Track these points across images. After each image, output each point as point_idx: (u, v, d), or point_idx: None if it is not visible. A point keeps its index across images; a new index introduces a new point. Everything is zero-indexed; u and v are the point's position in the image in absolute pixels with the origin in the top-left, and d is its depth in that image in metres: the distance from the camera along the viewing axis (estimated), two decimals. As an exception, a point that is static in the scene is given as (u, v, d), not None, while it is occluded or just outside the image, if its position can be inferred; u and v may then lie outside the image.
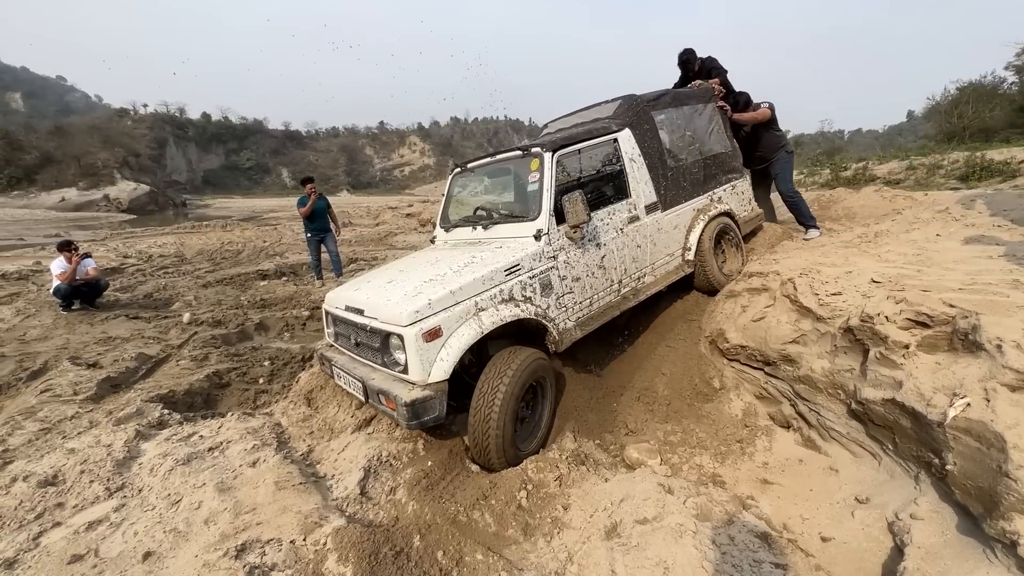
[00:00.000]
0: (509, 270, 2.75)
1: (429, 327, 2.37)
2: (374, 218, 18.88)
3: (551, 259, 2.95)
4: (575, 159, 3.32)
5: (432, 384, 2.36)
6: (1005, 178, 6.27)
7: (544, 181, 3.03)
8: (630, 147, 3.61)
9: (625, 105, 3.87)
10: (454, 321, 2.48)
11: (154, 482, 2.43)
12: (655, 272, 3.69)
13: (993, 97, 18.05)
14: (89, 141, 45.04)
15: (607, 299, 3.30)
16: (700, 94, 4.59)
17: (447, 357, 2.40)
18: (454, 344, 2.43)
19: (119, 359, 4.60)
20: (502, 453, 2.47)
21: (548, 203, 2.97)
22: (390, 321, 2.47)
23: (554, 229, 2.97)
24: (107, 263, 9.66)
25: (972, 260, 2.98)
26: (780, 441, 2.90)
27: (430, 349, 2.37)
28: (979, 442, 1.79)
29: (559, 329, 2.93)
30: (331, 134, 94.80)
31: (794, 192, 4.88)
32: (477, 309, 2.57)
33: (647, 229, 3.58)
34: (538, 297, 2.84)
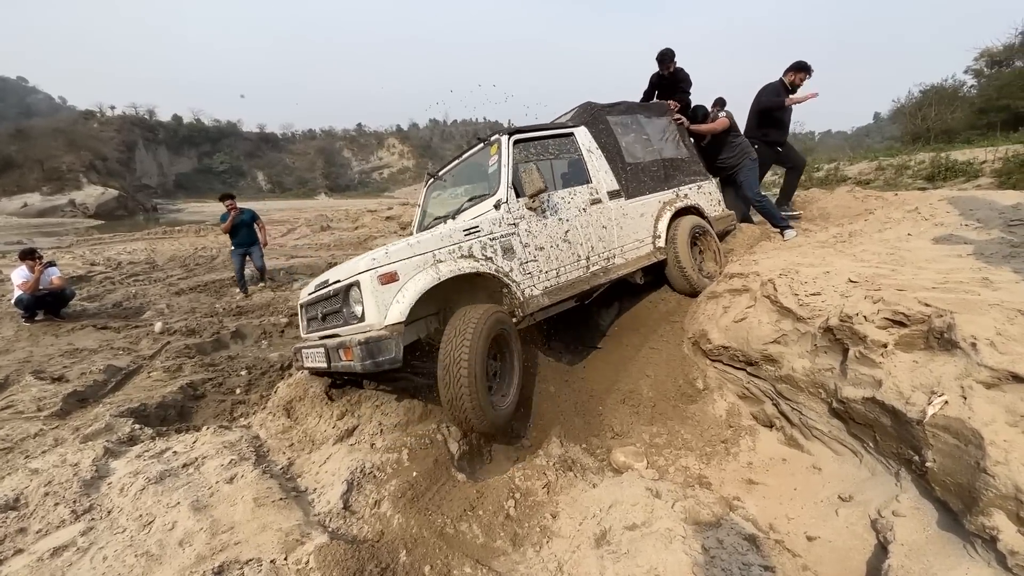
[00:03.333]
0: (468, 231, 2.90)
1: (385, 271, 2.49)
2: (353, 221, 18.60)
3: (511, 225, 3.09)
4: (534, 145, 3.53)
5: (388, 326, 2.42)
6: (969, 178, 6.51)
7: (502, 159, 3.23)
8: (587, 140, 3.86)
9: (581, 109, 4.20)
10: (411, 268, 2.59)
11: (124, 503, 2.31)
12: (625, 255, 3.83)
13: (954, 100, 18.76)
14: (53, 144, 43.48)
15: (576, 273, 3.42)
16: (654, 107, 4.92)
17: (403, 299, 2.48)
18: (411, 287, 2.53)
19: (87, 372, 4.41)
20: (479, 407, 2.42)
21: (506, 178, 3.16)
22: (350, 274, 2.61)
23: (513, 200, 3.15)
24: (73, 271, 9.28)
25: (943, 259, 3.06)
26: (764, 441, 2.93)
27: (386, 292, 2.47)
28: (957, 439, 1.82)
29: (524, 293, 3.02)
30: (308, 136, 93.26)
31: (761, 197, 5.02)
32: (435, 260, 2.69)
33: (611, 212, 3.74)
34: (499, 258, 2.95)
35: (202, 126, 78.01)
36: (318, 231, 16.20)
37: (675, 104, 5.06)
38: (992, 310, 2.10)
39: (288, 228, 17.55)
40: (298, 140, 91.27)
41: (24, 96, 75.17)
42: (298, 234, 15.76)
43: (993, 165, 6.52)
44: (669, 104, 5.03)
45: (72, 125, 52.51)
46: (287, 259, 10.71)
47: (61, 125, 50.71)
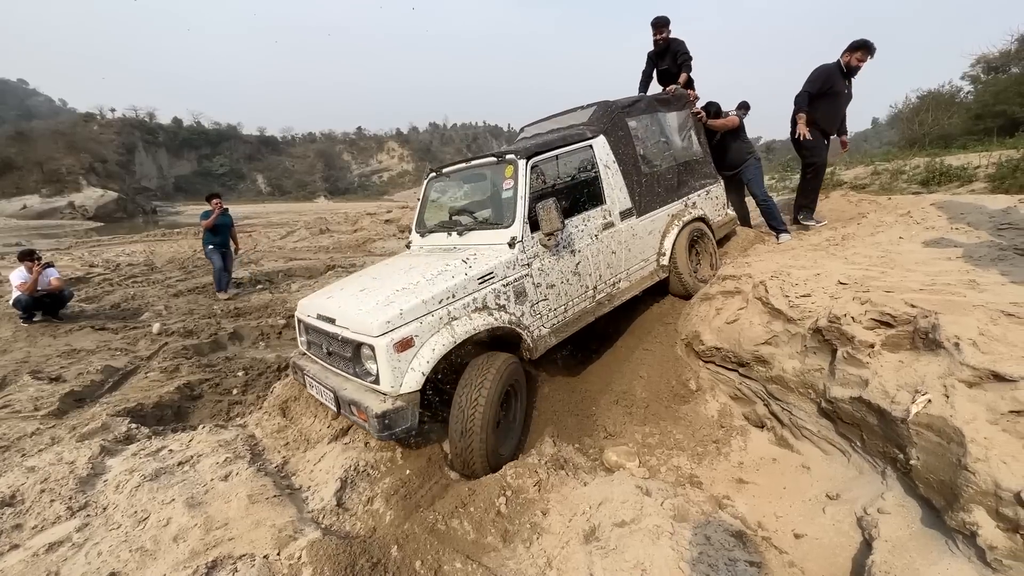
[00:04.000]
0: (483, 278, 2.74)
1: (401, 337, 2.35)
2: (352, 224, 18.64)
3: (525, 267, 2.95)
4: (550, 165, 3.32)
5: (404, 395, 2.33)
6: (963, 182, 6.56)
7: (518, 188, 3.03)
8: (605, 154, 3.64)
9: (600, 111, 3.90)
10: (426, 331, 2.45)
11: (120, 499, 2.34)
12: (630, 277, 3.73)
13: (951, 105, 18.87)
14: (53, 147, 43.55)
15: (582, 305, 3.32)
16: (675, 100, 4.67)
17: (419, 367, 2.38)
18: (426, 354, 2.41)
19: (84, 372, 4.43)
20: (486, 460, 2.47)
21: (522, 210, 2.98)
22: (361, 331, 2.44)
23: (528, 236, 2.97)
24: (72, 272, 9.31)
25: (932, 262, 3.10)
26: (755, 441, 2.95)
27: (402, 359, 2.35)
28: (940, 437, 1.85)
29: (533, 337, 2.94)
30: (308, 139, 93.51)
31: (767, 196, 5.02)
32: (450, 318, 2.55)
33: (622, 235, 3.62)
34: (512, 305, 2.84)
35: (202, 129, 78.19)
36: (317, 234, 16.24)
37: (695, 95, 4.98)
38: (976, 311, 2.14)
39: (287, 231, 17.58)
40: (298, 143, 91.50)
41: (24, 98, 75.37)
42: (297, 237, 15.79)
43: (987, 170, 6.57)
44: (690, 95, 4.90)
45: (72, 127, 52.61)
46: (286, 261, 10.75)
47: (61, 127, 50.83)
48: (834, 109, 4.60)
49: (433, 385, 2.95)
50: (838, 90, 4.51)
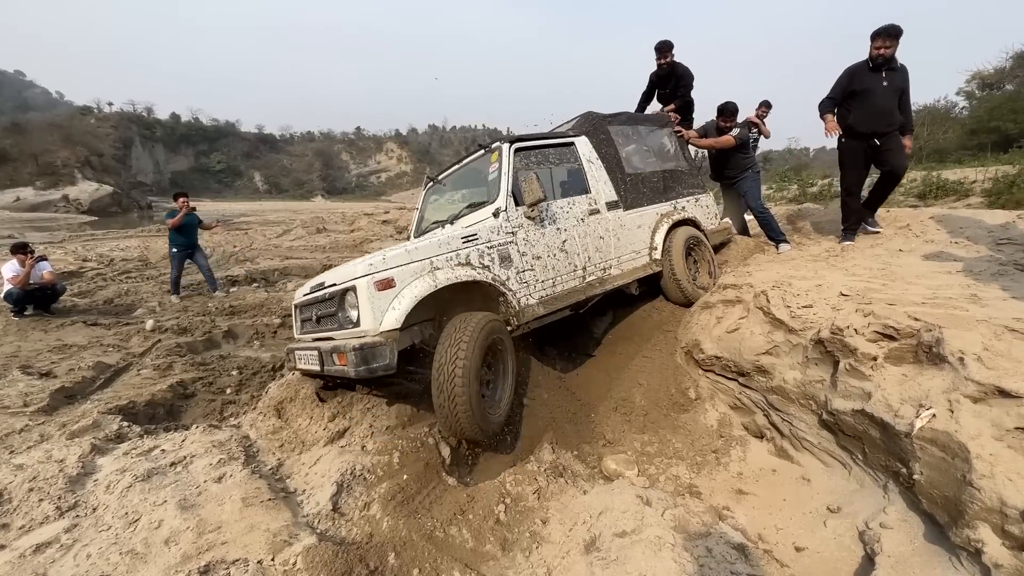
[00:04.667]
0: (466, 238, 2.89)
1: (382, 277, 2.47)
2: (349, 224, 18.57)
3: (509, 234, 3.08)
4: (534, 154, 3.52)
5: (384, 332, 2.40)
6: (959, 197, 6.61)
7: (503, 167, 3.22)
8: (587, 150, 3.86)
9: (582, 119, 4.19)
10: (408, 275, 2.57)
11: (110, 500, 2.29)
12: (621, 266, 3.83)
13: (946, 120, 19.08)
14: (48, 139, 43.21)
15: (571, 283, 3.42)
16: (656, 119, 4.93)
17: (399, 306, 2.46)
18: (407, 294, 2.51)
19: (75, 368, 4.37)
20: (472, 419, 2.41)
21: (506, 186, 3.16)
22: (346, 279, 2.59)
23: (512, 208, 3.14)
24: (64, 267, 9.20)
25: (933, 275, 3.11)
26: (754, 451, 2.94)
27: (382, 298, 2.45)
28: (944, 452, 1.84)
29: (520, 302, 3.02)
30: (306, 138, 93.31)
31: (763, 208, 5.05)
32: (432, 267, 2.67)
33: (609, 223, 3.75)
34: (496, 267, 2.94)
35: (200, 125, 77.86)
36: (314, 233, 16.16)
37: (676, 116, 5.09)
38: (980, 326, 2.13)
39: (284, 229, 17.48)
40: (296, 142, 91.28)
41: (21, 90, 74.77)
42: (293, 235, 15.70)
43: (983, 185, 6.63)
44: (670, 115, 5.07)
45: (69, 120, 52.25)
46: (282, 260, 10.68)
47: (57, 120, 50.42)
48: (867, 107, 4.13)
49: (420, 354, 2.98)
50: (868, 86, 4.09)
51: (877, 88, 4.05)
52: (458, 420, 2.41)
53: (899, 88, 4.04)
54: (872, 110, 4.11)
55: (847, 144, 4.33)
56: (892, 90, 4.03)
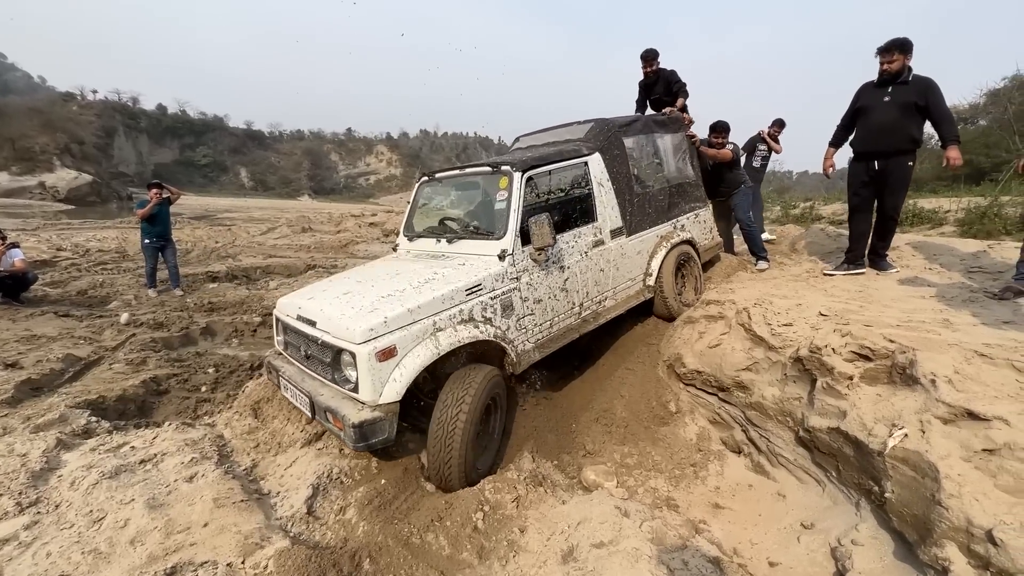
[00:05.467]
0: (471, 290, 2.71)
1: (383, 346, 2.29)
2: (335, 225, 18.39)
3: (514, 280, 2.93)
4: (544, 180, 3.30)
5: (383, 405, 2.27)
6: (934, 225, 6.82)
7: (512, 201, 3.01)
8: (599, 171, 3.66)
9: (597, 128, 3.91)
10: (410, 341, 2.40)
11: (75, 497, 2.21)
12: (616, 296, 3.74)
13: (923, 151, 19.73)
14: (28, 124, 41.99)
15: (567, 321, 3.32)
16: (671, 122, 4.72)
17: (400, 378, 2.32)
18: (408, 365, 2.36)
19: (43, 360, 4.22)
20: (463, 474, 2.41)
21: (515, 223, 2.96)
22: (343, 337, 2.37)
23: (519, 250, 2.95)
24: (37, 255, 8.94)
25: (907, 299, 3.20)
26: (732, 466, 2.97)
27: (383, 369, 2.29)
28: (915, 471, 1.89)
29: (517, 351, 2.91)
30: (296, 137, 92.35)
31: (751, 222, 5.13)
32: (435, 329, 2.50)
33: (611, 254, 3.64)
34: (498, 318, 2.81)
35: (187, 118, 76.49)
36: (299, 232, 15.96)
37: (690, 119, 5.02)
38: (951, 350, 2.20)
39: (268, 227, 17.25)
40: (286, 140, 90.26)
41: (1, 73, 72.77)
42: (278, 234, 15.49)
43: (956, 215, 6.86)
44: (685, 118, 4.95)
45: (50, 106, 50.80)
46: (265, 258, 10.51)
47: (38, 105, 49.06)
48: (865, 125, 3.96)
49: (412, 394, 2.88)
50: (868, 104, 3.92)
51: (877, 104, 3.86)
52: (449, 474, 2.40)
53: (905, 103, 3.70)
54: (869, 127, 3.94)
55: (851, 166, 4.18)
56: (895, 105, 3.73)
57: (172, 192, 7.41)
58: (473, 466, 2.50)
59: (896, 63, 3.69)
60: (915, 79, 3.71)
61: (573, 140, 3.92)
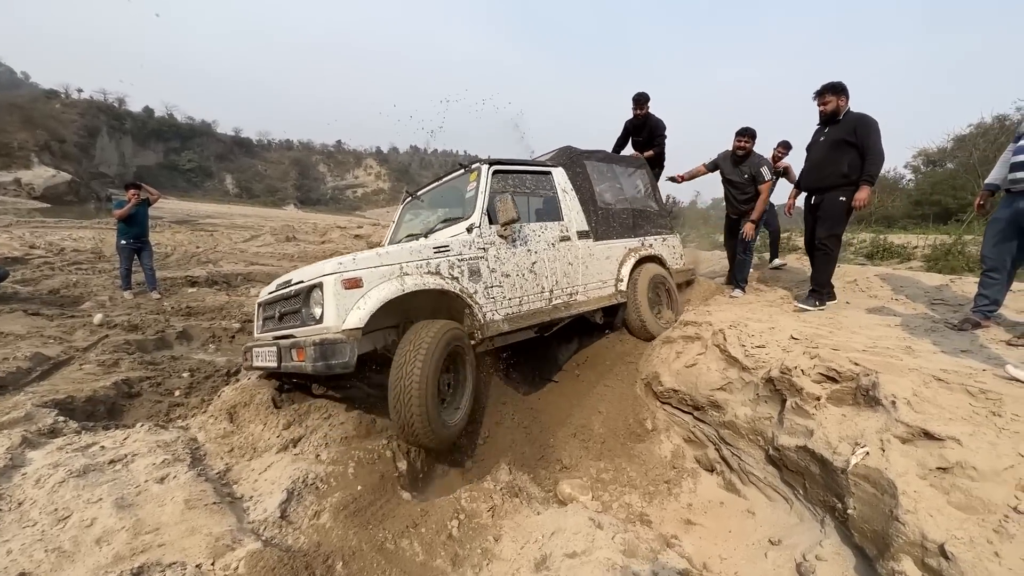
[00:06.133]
0: (438, 248, 2.94)
1: (350, 276, 2.49)
2: (320, 235, 18.28)
3: (481, 250, 3.16)
4: (511, 178, 3.65)
5: (346, 330, 2.38)
6: (903, 259, 7.12)
7: (480, 186, 3.34)
8: (563, 180, 4.02)
9: (561, 151, 4.37)
10: (377, 277, 2.59)
11: (39, 495, 2.15)
12: (588, 293, 3.96)
13: (895, 190, 20.59)
14: (7, 119, 41.14)
15: (538, 304, 3.50)
16: (631, 160, 5.16)
17: (364, 306, 2.46)
18: (374, 295, 2.52)
19: (9, 357, 4.09)
20: (427, 424, 2.40)
21: (482, 204, 3.27)
22: (315, 275, 2.58)
23: (486, 225, 3.24)
24: (8, 252, 8.70)
25: (874, 327, 3.34)
26: (704, 484, 3.03)
27: (348, 296, 2.45)
28: (875, 488, 1.97)
29: (485, 316, 3.07)
30: (284, 146, 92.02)
31: (748, 252, 5.06)
32: (402, 273, 2.70)
33: (578, 251, 3.89)
34: (465, 279, 3.00)
35: (174, 121, 75.68)
36: (283, 240, 15.82)
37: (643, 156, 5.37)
38: (911, 374, 2.32)
39: (252, 234, 17.06)
40: (274, 148, 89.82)
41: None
42: (261, 242, 15.33)
43: (924, 251, 7.16)
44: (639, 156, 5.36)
45: (31, 102, 49.89)
46: (246, 265, 10.40)
47: (19, 100, 48.12)
48: (806, 164, 4.17)
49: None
50: (810, 144, 4.14)
51: (815, 143, 4.07)
52: (412, 424, 2.40)
53: (836, 139, 3.84)
54: (807, 165, 4.14)
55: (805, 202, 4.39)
56: (827, 142, 3.91)
57: (151, 193, 7.33)
58: (439, 416, 2.50)
59: (830, 104, 3.85)
60: (847, 116, 3.83)
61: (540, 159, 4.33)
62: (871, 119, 3.72)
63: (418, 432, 2.41)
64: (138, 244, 6.98)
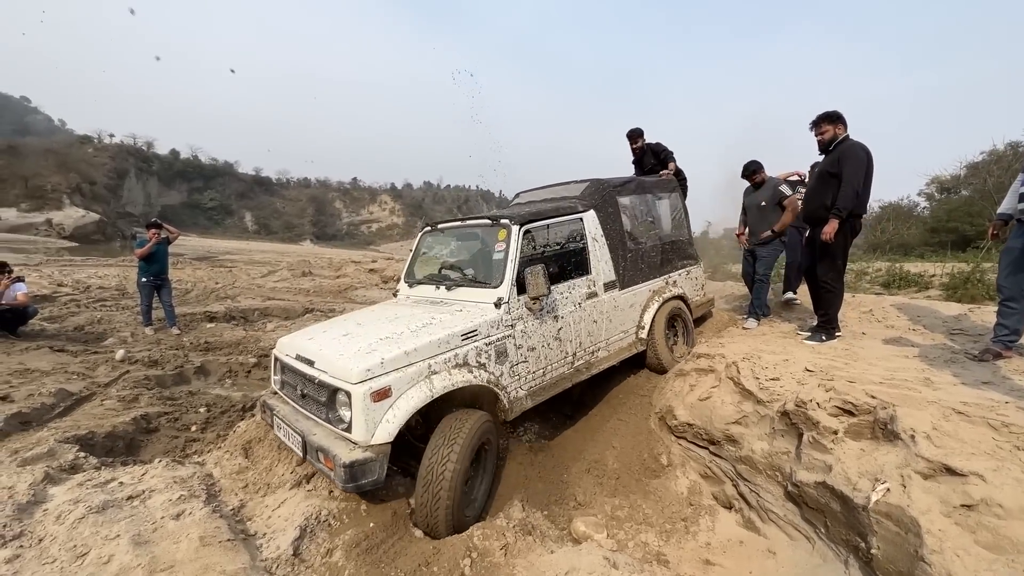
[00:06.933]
0: (466, 335, 2.79)
1: (379, 387, 2.35)
2: (335, 270, 18.62)
3: (509, 327, 3.01)
4: (541, 233, 3.46)
5: (375, 446, 2.30)
6: (920, 288, 7.01)
7: (510, 252, 3.15)
8: (594, 227, 3.83)
9: (592, 187, 4.15)
10: (405, 383, 2.46)
11: (59, 531, 2.19)
12: (609, 347, 3.82)
13: (909, 217, 20.44)
14: (43, 163, 43.31)
15: (560, 370, 3.37)
16: (664, 184, 4.98)
17: (393, 419, 2.36)
18: (402, 406, 2.41)
19: (35, 393, 4.21)
20: (451, 520, 2.40)
21: (511, 273, 3.08)
22: (340, 376, 2.43)
23: (514, 298, 3.06)
24: (38, 289, 9.02)
25: (891, 358, 3.29)
26: (722, 521, 2.94)
27: (377, 409, 2.34)
28: (898, 527, 1.92)
29: (510, 397, 2.96)
30: (302, 184, 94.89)
31: (766, 279, 4.96)
32: (430, 372, 2.56)
33: (604, 306, 3.74)
34: (492, 364, 2.88)
35: (198, 163, 78.82)
36: (299, 275, 16.13)
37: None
38: (931, 407, 2.28)
39: (269, 269, 17.45)
40: (292, 187, 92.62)
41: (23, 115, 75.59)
42: (278, 276, 15.65)
43: (941, 279, 7.05)
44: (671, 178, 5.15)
45: (66, 147, 52.62)
46: (263, 300, 10.60)
47: (55, 146, 50.77)
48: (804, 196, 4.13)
49: (403, 437, 2.89)
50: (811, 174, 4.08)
51: (812, 175, 4.06)
52: (436, 520, 2.40)
53: (822, 171, 3.78)
54: (809, 194, 4.03)
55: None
56: (817, 175, 3.90)
57: (171, 232, 7.62)
58: (461, 512, 2.49)
59: (827, 134, 3.75)
60: (837, 147, 3.71)
61: (570, 197, 4.13)
62: (857, 149, 3.59)
63: (440, 526, 2.40)
64: (158, 281, 7.20)
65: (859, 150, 3.60)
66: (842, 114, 3.79)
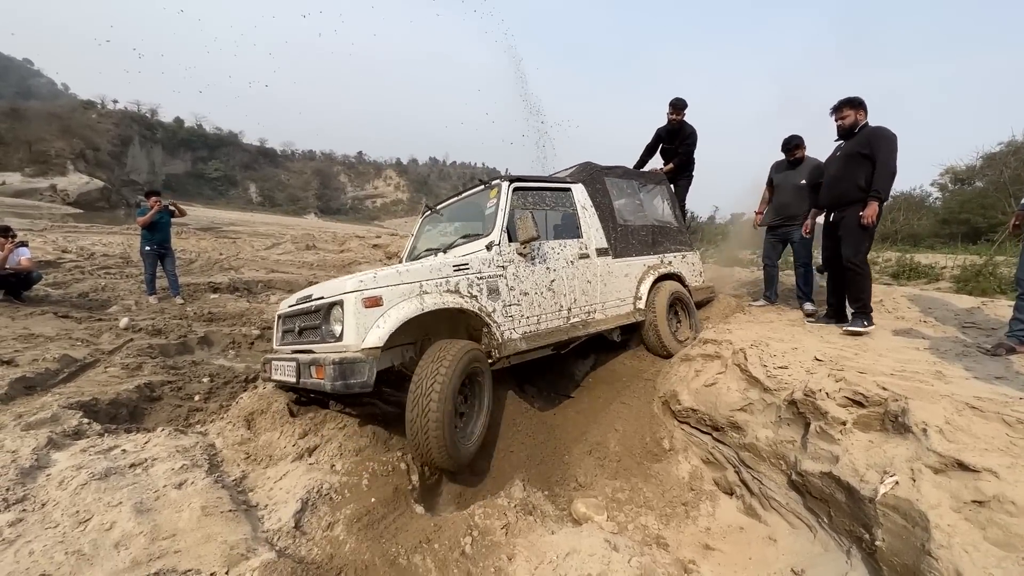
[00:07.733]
0: (457, 267, 2.94)
1: (371, 294, 2.50)
2: (339, 244, 18.58)
3: (500, 268, 3.15)
4: (532, 195, 3.64)
5: (365, 349, 2.39)
6: (930, 280, 6.92)
7: (500, 204, 3.34)
8: (583, 197, 4.00)
9: (581, 167, 4.38)
10: (397, 296, 2.61)
11: (62, 496, 2.19)
12: (606, 311, 3.92)
13: (921, 208, 20.15)
14: (46, 128, 42.98)
15: (556, 322, 3.48)
16: (651, 176, 5.13)
17: (383, 325, 2.47)
18: (393, 314, 2.53)
19: (39, 359, 4.22)
20: (444, 446, 2.41)
21: (502, 222, 3.27)
22: (335, 292, 2.61)
23: (505, 243, 3.24)
24: (42, 255, 9.00)
25: (902, 349, 3.24)
26: (723, 507, 2.94)
27: (368, 315, 2.46)
28: (905, 520, 1.89)
29: (503, 335, 3.05)
30: (307, 156, 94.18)
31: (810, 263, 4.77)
32: (421, 291, 2.71)
33: (597, 268, 3.86)
34: (484, 298, 3.00)
35: (202, 132, 78.20)
36: (303, 249, 16.11)
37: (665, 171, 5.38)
38: (943, 400, 2.23)
39: (273, 242, 17.42)
40: (297, 159, 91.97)
41: (26, 78, 74.71)
42: (282, 249, 15.63)
43: (952, 271, 6.96)
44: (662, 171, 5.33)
45: (70, 112, 52.13)
46: (267, 272, 10.58)
47: (58, 110, 50.29)
48: (825, 180, 4.06)
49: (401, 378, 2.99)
50: (828, 159, 4.05)
51: (832, 159, 3.97)
52: (429, 446, 2.40)
53: (850, 153, 3.72)
54: (825, 181, 4.02)
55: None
56: (843, 156, 3.79)
57: (179, 211, 7.64)
58: (454, 441, 2.49)
59: (848, 119, 3.74)
60: (863, 129, 3.69)
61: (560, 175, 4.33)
62: (888, 132, 3.56)
63: (434, 455, 2.43)
64: (162, 250, 7.18)
65: (890, 133, 3.57)
66: (863, 100, 3.76)
